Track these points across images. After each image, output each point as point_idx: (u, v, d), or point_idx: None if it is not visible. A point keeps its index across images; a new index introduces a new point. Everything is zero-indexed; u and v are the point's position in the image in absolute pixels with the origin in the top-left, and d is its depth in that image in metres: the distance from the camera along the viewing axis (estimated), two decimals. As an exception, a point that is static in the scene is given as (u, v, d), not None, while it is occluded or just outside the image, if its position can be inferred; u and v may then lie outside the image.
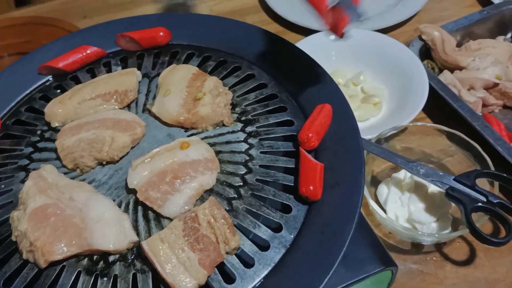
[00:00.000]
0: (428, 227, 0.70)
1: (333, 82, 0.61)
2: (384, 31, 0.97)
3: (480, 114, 0.84)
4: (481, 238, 0.63)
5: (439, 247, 0.72)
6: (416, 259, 0.71)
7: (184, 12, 1.02)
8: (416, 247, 0.72)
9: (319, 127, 0.56)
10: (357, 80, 0.89)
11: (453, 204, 0.71)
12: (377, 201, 0.75)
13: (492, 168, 0.70)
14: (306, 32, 0.94)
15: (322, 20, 0.53)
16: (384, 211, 0.73)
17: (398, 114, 0.81)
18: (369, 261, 0.57)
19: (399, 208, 0.73)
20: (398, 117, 0.80)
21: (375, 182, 0.77)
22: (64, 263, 0.49)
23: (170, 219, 0.50)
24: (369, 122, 0.85)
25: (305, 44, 0.88)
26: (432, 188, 0.73)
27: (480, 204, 0.65)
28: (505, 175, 0.67)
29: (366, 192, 0.69)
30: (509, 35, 0.96)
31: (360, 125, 0.84)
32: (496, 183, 0.68)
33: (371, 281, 0.58)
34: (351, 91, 0.87)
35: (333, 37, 0.89)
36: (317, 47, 0.88)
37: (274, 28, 1.04)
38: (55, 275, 0.48)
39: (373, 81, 0.89)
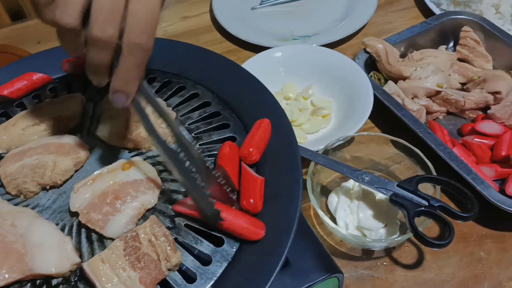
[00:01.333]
0: (377, 233, 0.72)
1: (272, 97, 0.63)
2: (333, 45, 1.00)
3: (425, 121, 0.87)
4: (424, 241, 0.65)
5: (388, 252, 0.74)
6: (367, 265, 0.73)
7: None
8: (367, 253, 0.74)
9: (259, 142, 0.57)
10: (307, 94, 0.92)
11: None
12: (328, 210, 0.77)
13: (434, 173, 0.72)
14: (258, 48, 0.97)
15: None
16: (335, 219, 0.75)
17: (346, 124, 0.84)
18: (314, 269, 0.59)
19: (348, 216, 0.75)
20: (346, 127, 0.82)
21: (326, 191, 0.79)
22: (7, 290, 0.49)
23: (113, 240, 0.51)
24: (319, 134, 0.87)
25: (254, 61, 0.90)
26: (380, 195, 0.75)
27: (422, 208, 0.67)
28: (445, 179, 0.70)
29: (315, 202, 0.71)
30: (451, 44, 1.01)
31: (311, 137, 0.87)
32: (438, 187, 0.71)
33: (318, 289, 0.60)
34: (301, 105, 0.89)
35: (279, 54, 0.93)
36: (267, 64, 0.91)
37: (227, 46, 1.07)
38: (-3, 302, 0.48)
39: (322, 94, 0.92)
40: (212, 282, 0.49)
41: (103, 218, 0.51)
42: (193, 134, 0.61)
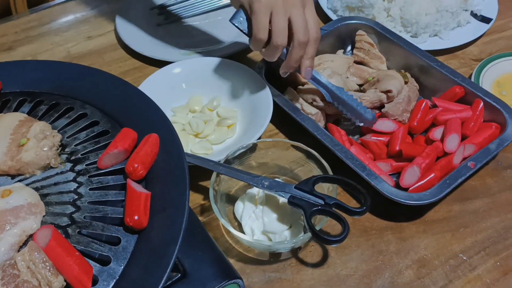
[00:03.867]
0: (281, 236, 0.74)
1: (161, 112, 0.64)
2: (233, 57, 1.02)
3: (324, 123, 0.90)
4: (321, 239, 0.68)
5: (295, 253, 0.76)
6: (275, 267, 0.74)
7: (33, 58, 1.02)
8: (274, 257, 0.75)
9: (145, 157, 0.58)
10: (212, 105, 0.93)
11: (303, 211, 0.76)
12: (235, 218, 0.78)
13: (331, 172, 0.75)
14: (164, 64, 0.97)
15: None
16: (242, 226, 0.76)
17: (249, 132, 0.85)
18: (212, 277, 0.60)
19: (254, 221, 0.76)
20: (249, 135, 0.84)
21: (233, 199, 0.80)
22: None
23: (-7, 270, 0.49)
24: (225, 144, 0.88)
25: (155, 78, 0.91)
26: (283, 198, 0.77)
27: (318, 207, 0.70)
28: (338, 177, 0.73)
29: (217, 211, 0.72)
30: (348, 48, 1.05)
31: (217, 147, 0.88)
32: (334, 186, 0.74)
33: (219, 298, 0.60)
34: (206, 117, 0.90)
35: (179, 69, 0.94)
36: (168, 80, 0.92)
37: (132, 63, 1.06)
38: None
39: (228, 105, 0.94)
40: (98, 305, 0.49)
41: (-20, 248, 0.49)
42: (79, 155, 0.60)
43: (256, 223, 0.76)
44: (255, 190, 0.80)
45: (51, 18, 1.19)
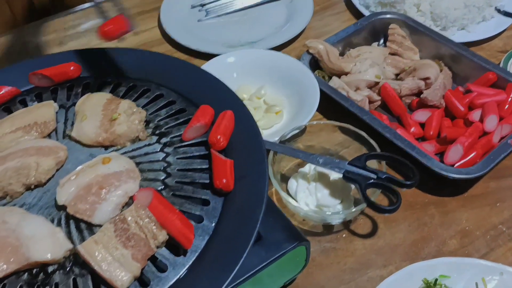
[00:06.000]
0: (334, 209, 0.80)
1: (232, 92, 0.70)
2: (277, 48, 1.09)
3: (368, 109, 0.96)
4: (376, 208, 0.74)
5: (346, 225, 0.82)
6: (328, 238, 0.80)
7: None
8: (327, 229, 0.81)
9: (225, 129, 0.64)
10: (259, 94, 0.99)
11: (353, 187, 0.82)
12: (289, 195, 0.84)
13: (379, 150, 0.81)
14: (208, 57, 1.03)
15: None
16: (296, 202, 0.82)
17: (297, 118, 0.92)
18: (283, 240, 0.66)
19: (308, 197, 0.82)
20: (297, 120, 0.90)
21: (285, 178, 0.86)
22: (5, 281, 0.52)
23: (101, 226, 0.55)
24: (273, 129, 0.94)
25: (208, 67, 0.97)
26: (334, 175, 0.83)
27: (372, 180, 0.76)
28: (389, 154, 0.79)
29: (277, 185, 0.78)
30: (381, 41, 1.12)
31: (266, 132, 0.94)
32: (383, 162, 0.80)
33: (289, 259, 0.66)
34: (255, 104, 0.97)
35: (232, 59, 1.00)
36: (220, 68, 0.97)
37: (179, 56, 1.12)
38: (-4, 294, 0.52)
39: (273, 93, 1.00)
40: (197, 254, 0.55)
41: (90, 207, 0.56)
42: (163, 129, 0.66)
43: (310, 199, 0.82)
44: (306, 169, 0.86)
45: (96, 15, 1.25)
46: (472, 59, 0.98)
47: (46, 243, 0.53)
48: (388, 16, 1.10)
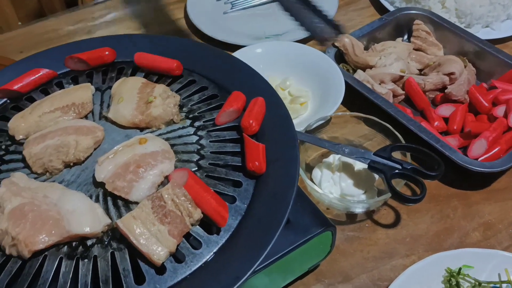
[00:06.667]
0: (358, 198, 0.82)
1: (263, 79, 0.72)
2: (303, 41, 1.10)
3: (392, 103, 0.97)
4: (401, 198, 0.75)
5: (369, 215, 0.83)
6: (352, 227, 0.82)
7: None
8: (351, 218, 0.83)
9: (257, 115, 0.65)
10: (285, 85, 1.01)
11: (376, 177, 0.83)
12: (313, 183, 0.86)
13: (403, 142, 0.83)
14: (234, 48, 1.05)
15: None
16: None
17: (322, 109, 0.93)
18: (311, 225, 0.67)
19: (332, 186, 0.84)
20: (322, 112, 0.92)
21: (309, 168, 0.88)
22: (46, 253, 0.54)
23: (138, 204, 0.57)
24: (298, 120, 0.96)
25: (238, 56, 0.98)
26: (358, 166, 0.84)
27: (397, 171, 0.77)
28: (414, 146, 0.80)
29: (303, 174, 0.79)
30: (405, 36, 1.13)
31: (291, 122, 0.95)
32: (408, 154, 0.81)
33: (315, 244, 0.68)
34: (280, 95, 0.98)
35: (260, 50, 1.01)
36: (247, 59, 0.97)
37: (204, 47, 1.14)
38: (38, 264, 0.53)
39: (298, 85, 1.01)
40: (230, 233, 0.56)
41: (128, 185, 0.57)
42: (196, 113, 0.68)
43: (334, 188, 0.84)
44: (331, 159, 0.87)
45: (124, 5, 1.27)
46: (496, 56, 0.99)
47: (85, 217, 0.55)
48: (413, 11, 1.11)
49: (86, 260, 0.54)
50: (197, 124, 0.67)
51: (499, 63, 0.99)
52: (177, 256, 0.55)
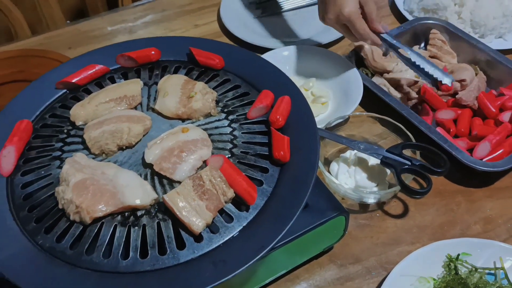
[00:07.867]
0: (371, 190, 0.90)
1: (289, 79, 0.81)
2: (326, 46, 1.19)
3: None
4: (409, 191, 0.83)
5: (380, 206, 0.92)
6: (364, 216, 0.91)
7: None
8: (363, 207, 0.92)
9: (284, 111, 0.75)
10: (308, 85, 1.10)
11: (388, 172, 0.92)
12: (331, 175, 0.95)
13: (414, 141, 0.91)
14: (262, 51, 1.14)
15: None
16: (337, 182, 0.93)
17: (341, 109, 1.02)
18: (327, 209, 0.77)
19: (347, 179, 0.93)
20: (341, 111, 1.01)
21: (328, 162, 0.97)
22: (103, 220, 0.65)
23: (180, 183, 0.67)
24: (319, 118, 1.05)
25: (265, 58, 1.08)
26: (372, 161, 0.93)
27: (406, 166, 0.86)
28: (423, 144, 0.89)
29: (321, 166, 0.89)
30: (422, 44, 1.21)
31: (313, 120, 1.05)
32: (418, 152, 0.90)
33: (330, 226, 0.77)
34: (303, 94, 1.07)
35: (287, 52, 1.10)
36: (275, 60, 1.07)
37: (235, 49, 1.24)
38: (97, 229, 0.64)
39: (320, 86, 1.11)
40: (257, 211, 0.66)
41: (172, 166, 0.68)
42: (230, 108, 0.78)
43: (350, 180, 0.93)
44: (347, 154, 0.96)
45: (161, 7, 1.38)
46: (507, 65, 1.06)
47: (137, 191, 0.65)
48: (430, 21, 1.19)
49: (136, 227, 0.64)
50: (231, 117, 0.77)
51: (509, 72, 1.07)
52: (212, 228, 0.64)
